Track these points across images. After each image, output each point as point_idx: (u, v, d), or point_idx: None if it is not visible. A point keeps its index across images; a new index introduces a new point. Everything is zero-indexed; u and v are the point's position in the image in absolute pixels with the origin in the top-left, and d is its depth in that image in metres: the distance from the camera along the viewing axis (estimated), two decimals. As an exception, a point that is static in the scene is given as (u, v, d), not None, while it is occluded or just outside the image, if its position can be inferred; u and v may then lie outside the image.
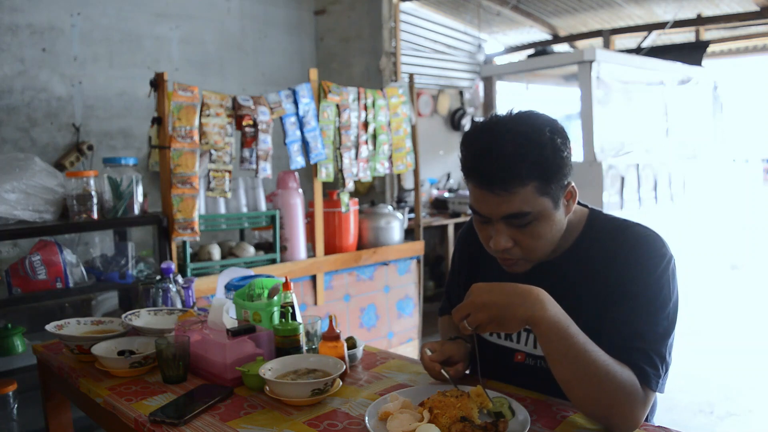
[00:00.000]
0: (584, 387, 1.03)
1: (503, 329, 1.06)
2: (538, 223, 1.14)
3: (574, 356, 1.03)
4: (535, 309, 1.03)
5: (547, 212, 1.14)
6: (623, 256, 1.16)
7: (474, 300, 1.06)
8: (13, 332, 2.25)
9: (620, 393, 1.03)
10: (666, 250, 1.17)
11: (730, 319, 4.83)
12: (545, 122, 1.13)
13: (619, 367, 1.05)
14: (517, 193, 1.10)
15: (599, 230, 1.23)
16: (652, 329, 1.10)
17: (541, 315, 1.03)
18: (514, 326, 1.05)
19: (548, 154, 1.10)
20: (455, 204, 5.31)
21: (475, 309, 1.05)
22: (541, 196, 1.11)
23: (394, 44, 4.88)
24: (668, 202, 4.93)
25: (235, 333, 1.39)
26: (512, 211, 1.11)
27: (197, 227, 2.63)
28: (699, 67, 5.89)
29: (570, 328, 1.04)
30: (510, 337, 1.31)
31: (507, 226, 1.14)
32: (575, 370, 1.03)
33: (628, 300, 1.12)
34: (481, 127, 1.16)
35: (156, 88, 2.59)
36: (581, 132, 4.37)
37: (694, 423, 3.03)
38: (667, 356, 1.10)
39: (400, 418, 1.05)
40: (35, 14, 3.59)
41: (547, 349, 1.05)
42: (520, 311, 1.03)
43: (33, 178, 2.33)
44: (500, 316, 1.04)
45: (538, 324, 1.03)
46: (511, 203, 1.11)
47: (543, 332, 1.04)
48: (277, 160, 3.35)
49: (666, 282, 1.14)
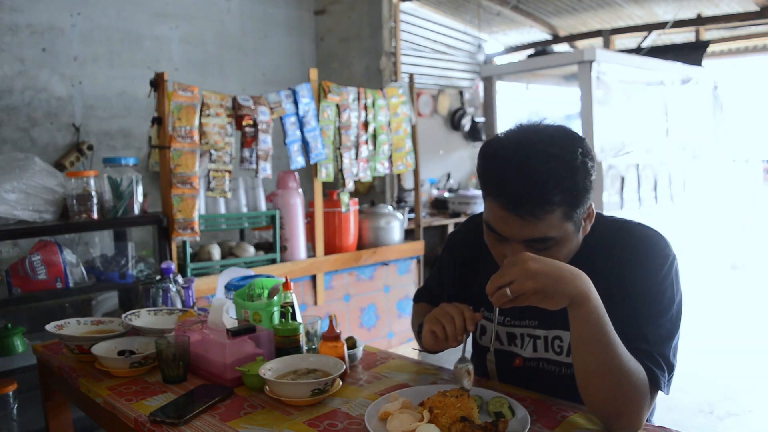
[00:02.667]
0: (605, 380, 1.01)
1: (544, 303, 1.00)
2: (558, 247, 1.10)
3: (606, 344, 1.00)
4: (585, 287, 1.00)
5: (569, 236, 1.11)
6: (626, 256, 1.15)
7: (526, 266, 0.98)
8: (13, 332, 2.25)
9: (635, 393, 1.02)
10: (669, 250, 1.16)
11: (730, 319, 4.83)
12: (577, 142, 1.08)
13: (637, 365, 1.04)
14: (544, 219, 1.05)
15: (602, 230, 1.22)
16: (656, 331, 1.09)
17: (588, 294, 1.00)
18: (557, 301, 0.99)
19: (579, 180, 1.05)
20: (455, 204, 5.31)
21: (526, 275, 0.98)
22: (567, 221, 1.08)
23: (394, 44, 4.88)
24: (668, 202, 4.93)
25: (235, 333, 1.38)
26: (536, 236, 1.07)
27: (197, 227, 2.63)
28: (699, 67, 5.89)
29: (606, 317, 1.01)
30: (513, 342, 1.30)
31: (525, 247, 1.09)
32: (603, 360, 1.01)
33: (632, 301, 1.11)
34: (509, 142, 1.08)
35: (156, 88, 2.59)
36: (581, 132, 4.37)
37: (694, 423, 3.03)
38: (672, 358, 1.10)
39: (400, 418, 1.05)
40: (35, 14, 3.59)
41: (582, 332, 1.01)
42: (570, 286, 0.98)
43: (33, 178, 2.33)
44: (549, 288, 0.98)
45: (584, 303, 0.99)
46: (536, 228, 1.06)
47: (585, 313, 1.00)
48: (277, 160, 3.35)
49: (670, 283, 1.13)
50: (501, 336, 1.31)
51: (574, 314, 1.01)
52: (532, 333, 1.27)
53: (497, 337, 1.27)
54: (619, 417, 1.04)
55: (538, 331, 1.26)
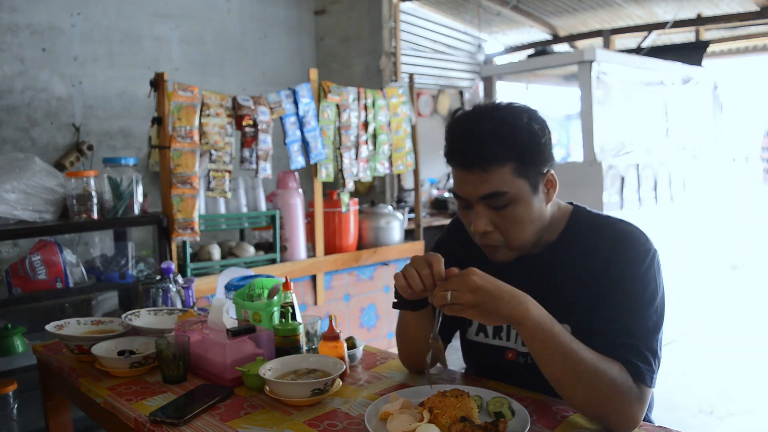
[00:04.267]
0: (574, 386, 1.04)
1: (481, 319, 1.07)
2: (516, 206, 1.16)
3: (561, 355, 1.04)
4: (519, 309, 1.04)
5: (524, 195, 1.16)
6: (607, 252, 1.17)
7: (468, 280, 1.05)
8: (13, 332, 2.25)
9: (612, 390, 1.03)
10: (650, 245, 1.18)
11: (730, 320, 4.83)
12: (524, 110, 1.17)
13: (609, 365, 1.05)
14: (493, 173, 1.13)
15: (582, 226, 1.24)
16: (641, 325, 1.10)
17: (524, 315, 1.04)
18: (493, 320, 1.06)
19: (524, 138, 1.14)
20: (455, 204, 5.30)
21: (467, 288, 1.05)
22: (518, 177, 1.14)
23: (394, 44, 4.88)
24: (668, 202, 4.92)
25: (235, 333, 1.39)
26: (489, 191, 1.14)
27: (197, 227, 2.63)
28: (699, 67, 5.89)
29: (554, 328, 1.05)
30: (499, 335, 1.31)
31: (486, 209, 1.16)
32: (564, 370, 1.04)
33: (615, 296, 1.13)
34: (462, 114, 1.21)
35: (156, 88, 2.59)
36: (581, 132, 4.37)
37: (694, 423, 3.03)
38: (658, 351, 1.11)
39: (400, 418, 1.05)
40: (35, 14, 3.59)
41: (533, 349, 1.07)
42: (504, 308, 1.04)
43: (33, 178, 2.33)
44: (487, 305, 1.04)
45: (521, 323, 1.05)
46: (488, 182, 1.13)
47: (528, 332, 1.05)
48: (277, 160, 3.35)
49: (652, 277, 1.15)
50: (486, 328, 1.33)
51: (520, 333, 1.07)
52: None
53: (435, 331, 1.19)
54: (608, 416, 1.05)
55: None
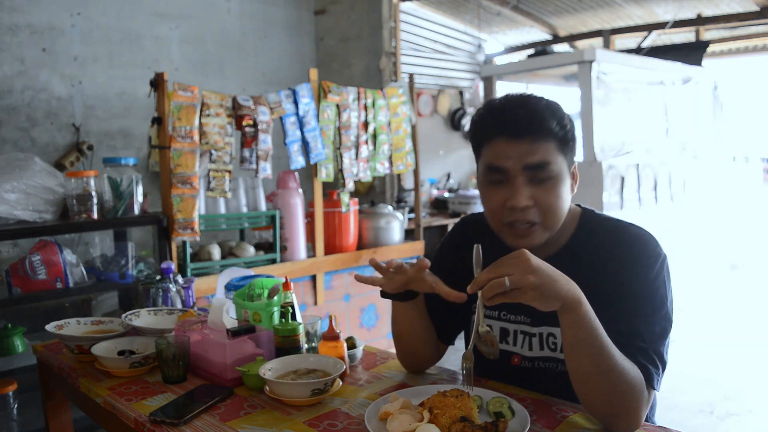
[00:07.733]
0: (601, 382, 1.02)
1: (537, 302, 0.97)
2: (556, 182, 1.16)
3: (599, 347, 1.01)
4: (575, 291, 1.00)
5: (563, 175, 1.17)
6: (618, 256, 1.17)
7: (525, 261, 0.96)
8: (13, 332, 2.25)
9: (630, 390, 1.03)
10: (660, 249, 1.18)
11: (730, 319, 4.83)
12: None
13: (630, 365, 1.04)
14: (541, 144, 1.14)
15: (593, 229, 1.24)
16: (650, 328, 1.10)
17: (581, 299, 1.00)
18: (551, 302, 0.98)
19: (567, 122, 1.18)
20: (455, 204, 5.31)
21: (527, 270, 0.96)
22: (560, 155, 1.16)
23: (394, 44, 4.88)
24: (668, 202, 4.93)
25: (235, 333, 1.39)
26: (537, 161, 1.14)
27: (197, 227, 2.63)
28: (699, 67, 5.89)
29: (597, 320, 1.02)
30: (505, 339, 1.30)
31: (527, 183, 1.15)
32: (598, 363, 1.01)
33: (625, 300, 1.13)
34: (504, 95, 1.22)
35: (156, 88, 2.59)
36: (581, 132, 4.37)
37: (694, 423, 3.03)
38: (665, 355, 1.11)
39: (400, 418, 1.05)
40: (35, 14, 3.59)
41: (576, 336, 1.01)
42: (564, 289, 0.98)
43: (33, 178, 2.33)
44: (547, 286, 0.96)
45: (576, 307, 0.99)
46: (536, 152, 1.14)
47: (578, 318, 1.00)
48: (277, 160, 3.34)
49: (662, 282, 1.15)
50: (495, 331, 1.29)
51: (567, 318, 1.01)
52: (525, 330, 1.27)
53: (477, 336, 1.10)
54: (618, 416, 1.05)
55: (530, 329, 1.26)
